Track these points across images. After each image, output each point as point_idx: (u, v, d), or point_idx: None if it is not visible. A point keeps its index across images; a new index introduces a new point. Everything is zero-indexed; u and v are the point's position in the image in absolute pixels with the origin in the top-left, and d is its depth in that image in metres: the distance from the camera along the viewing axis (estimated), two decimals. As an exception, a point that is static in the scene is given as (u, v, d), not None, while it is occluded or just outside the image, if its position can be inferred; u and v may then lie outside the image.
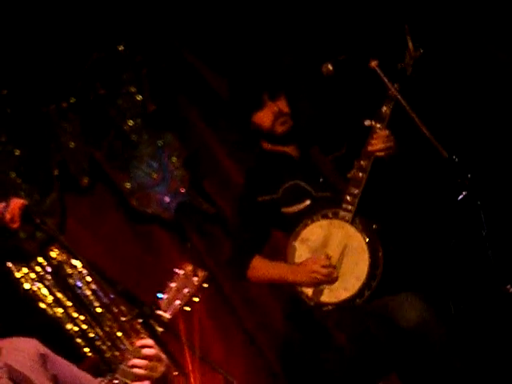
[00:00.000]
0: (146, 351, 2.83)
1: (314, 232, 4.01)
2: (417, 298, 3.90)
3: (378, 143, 3.91)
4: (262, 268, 4.08)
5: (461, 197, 3.48)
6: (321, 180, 4.10)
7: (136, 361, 2.83)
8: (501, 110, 4.57)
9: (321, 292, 3.96)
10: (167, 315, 3.00)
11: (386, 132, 3.92)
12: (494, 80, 4.61)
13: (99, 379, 3.21)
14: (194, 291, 3.02)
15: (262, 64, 4.54)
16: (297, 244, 4.03)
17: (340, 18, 4.75)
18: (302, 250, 4.02)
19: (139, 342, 2.90)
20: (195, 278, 3.02)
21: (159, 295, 3.02)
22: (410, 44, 3.90)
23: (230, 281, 4.70)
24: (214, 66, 5.00)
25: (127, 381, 2.92)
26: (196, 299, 3.02)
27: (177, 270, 3.05)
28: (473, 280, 4.30)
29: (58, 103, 4.91)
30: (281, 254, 4.09)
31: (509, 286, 3.45)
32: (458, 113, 4.62)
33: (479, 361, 4.07)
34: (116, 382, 2.96)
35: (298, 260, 4.02)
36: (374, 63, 3.75)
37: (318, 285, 3.94)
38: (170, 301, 3.02)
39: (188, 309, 3.02)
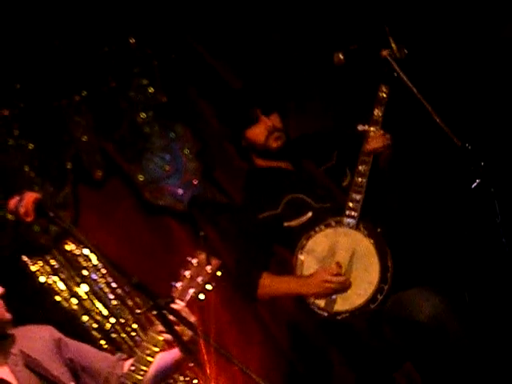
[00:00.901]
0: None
1: (320, 242, 3.99)
2: (430, 291, 3.90)
3: (376, 142, 3.91)
4: (271, 285, 4.04)
5: (474, 185, 3.47)
6: (319, 191, 4.09)
7: (161, 327, 2.85)
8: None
9: (334, 301, 3.93)
10: (182, 303, 3.02)
11: (381, 131, 3.92)
12: (504, 68, 4.60)
13: (118, 354, 3.23)
14: (207, 279, 3.04)
15: (255, 79, 4.56)
16: (303, 256, 4.00)
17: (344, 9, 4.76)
18: (309, 262, 4.00)
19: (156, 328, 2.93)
20: (208, 267, 3.04)
21: (173, 284, 3.04)
22: (394, 45, 3.88)
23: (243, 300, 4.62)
24: (224, 57, 5.00)
25: (154, 348, 2.94)
26: (210, 287, 3.04)
27: (190, 259, 3.07)
28: (487, 268, 4.29)
29: (70, 97, 4.91)
30: (287, 271, 4.07)
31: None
32: (470, 101, 4.61)
33: (495, 349, 4.06)
34: (139, 353, 2.98)
35: (306, 272, 3.99)
36: (385, 52, 3.75)
37: (330, 294, 3.92)
38: (185, 289, 3.04)
39: (202, 297, 3.04)
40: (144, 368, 3.03)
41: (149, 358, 3.03)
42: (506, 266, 3.47)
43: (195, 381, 4.69)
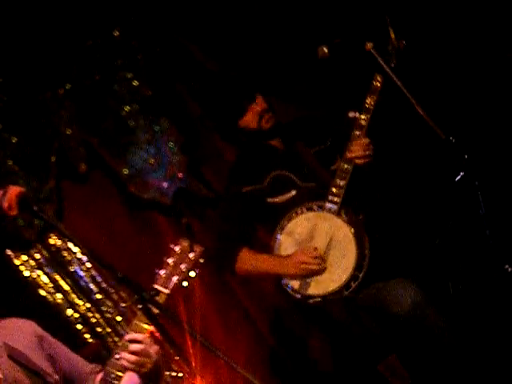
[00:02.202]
0: (132, 347, 2.85)
1: (300, 224, 4.01)
2: (408, 283, 3.93)
3: (357, 150, 3.92)
4: (249, 260, 4.07)
5: (458, 177, 3.48)
6: (306, 171, 4.10)
7: (124, 354, 2.86)
8: (496, 92, 4.57)
9: (308, 284, 3.96)
10: (166, 291, 3.02)
11: (366, 140, 3.92)
12: (489, 63, 4.62)
13: (93, 365, 3.23)
14: (190, 266, 3.03)
15: (232, 73, 4.57)
16: (282, 237, 4.03)
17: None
18: (287, 243, 4.03)
19: (128, 337, 2.92)
20: (191, 254, 3.04)
21: (157, 271, 3.04)
22: (393, 35, 3.90)
23: (216, 275, 4.64)
24: (209, 51, 5.00)
25: (117, 372, 2.94)
26: (193, 274, 3.04)
27: (173, 246, 3.07)
28: (471, 260, 4.31)
29: (54, 90, 4.88)
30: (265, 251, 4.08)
31: (507, 266, 3.45)
32: (454, 95, 4.62)
33: (479, 340, 4.08)
34: (108, 370, 2.98)
35: (284, 253, 4.02)
36: (369, 45, 3.75)
37: (306, 276, 3.94)
38: (168, 276, 3.03)
39: (186, 284, 3.04)
40: (119, 374, 3.03)
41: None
42: (489, 258, 3.48)
43: (180, 374, 4.69)
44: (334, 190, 3.96)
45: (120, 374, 3.00)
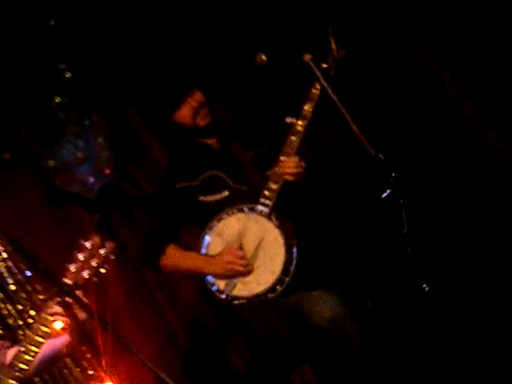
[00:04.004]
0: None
1: (230, 225, 4.01)
2: (330, 295, 3.96)
3: (288, 168, 3.93)
4: (175, 256, 4.05)
5: (385, 194, 3.53)
6: (239, 173, 4.11)
7: (55, 308, 2.85)
8: (425, 111, 4.67)
9: (234, 285, 3.96)
10: (73, 285, 3.00)
11: (296, 158, 3.94)
12: (418, 82, 4.72)
13: (2, 340, 3.19)
14: (101, 262, 3.02)
15: (169, 64, 4.56)
16: (211, 237, 4.03)
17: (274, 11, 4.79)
18: (216, 244, 4.02)
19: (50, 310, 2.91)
20: (102, 250, 3.02)
21: (67, 265, 3.01)
22: (334, 45, 3.95)
23: (141, 267, 4.62)
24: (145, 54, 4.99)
25: (45, 329, 2.92)
26: (103, 270, 3.02)
27: (83, 242, 3.05)
28: (391, 277, 4.38)
29: (-17, 76, 4.80)
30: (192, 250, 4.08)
31: (424, 285, 3.51)
32: (385, 113, 4.70)
33: (394, 355, 4.15)
34: (13, 363, 2.96)
35: (212, 253, 4.01)
36: (307, 57, 3.77)
37: (232, 277, 3.94)
38: (78, 271, 3.01)
39: (95, 279, 3.02)
40: (34, 349, 3.01)
41: (39, 339, 3.02)
42: (408, 276, 3.54)
43: (91, 372, 4.63)
44: (266, 192, 3.97)
45: (25, 367, 2.99)
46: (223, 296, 3.95)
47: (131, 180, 4.96)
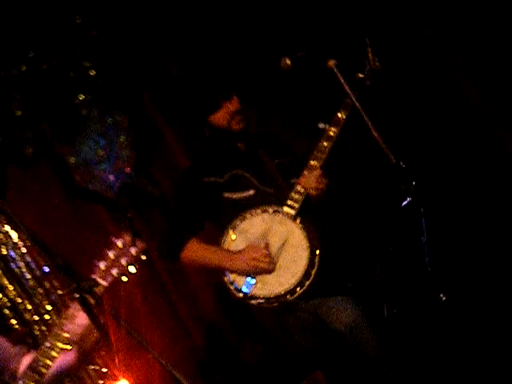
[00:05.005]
0: (79, 320, 2.83)
1: (255, 224, 4.00)
2: (349, 302, 3.95)
3: (310, 182, 3.96)
4: (198, 250, 4.02)
5: (405, 203, 3.52)
6: (266, 177, 4.11)
7: (70, 327, 2.84)
8: (449, 123, 4.66)
9: (253, 284, 3.94)
10: (104, 283, 3.00)
11: (319, 172, 3.97)
12: (443, 95, 4.71)
13: (20, 346, 3.19)
14: (131, 261, 3.02)
15: (213, 67, 4.58)
16: (235, 235, 4.01)
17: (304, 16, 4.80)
18: (239, 241, 4.00)
19: (72, 310, 2.91)
20: (133, 249, 3.03)
21: (97, 263, 3.02)
22: (371, 56, 3.96)
23: (161, 260, 4.57)
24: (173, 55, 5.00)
25: (46, 360, 2.91)
26: (133, 270, 3.02)
27: (115, 240, 3.05)
28: (408, 285, 4.36)
29: (9, 70, 4.81)
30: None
31: (442, 295, 3.50)
32: (408, 122, 4.70)
33: (410, 364, 4.13)
34: (37, 358, 2.96)
35: (234, 250, 3.99)
36: (331, 63, 3.77)
37: (254, 274, 3.92)
38: (108, 269, 3.02)
39: (125, 279, 3.02)
40: (48, 362, 3.01)
41: (53, 353, 3.01)
42: (425, 285, 3.53)
43: (104, 370, 4.65)
44: (294, 195, 3.98)
45: (49, 362, 2.98)
46: (241, 294, 3.93)
47: (151, 180, 4.97)
